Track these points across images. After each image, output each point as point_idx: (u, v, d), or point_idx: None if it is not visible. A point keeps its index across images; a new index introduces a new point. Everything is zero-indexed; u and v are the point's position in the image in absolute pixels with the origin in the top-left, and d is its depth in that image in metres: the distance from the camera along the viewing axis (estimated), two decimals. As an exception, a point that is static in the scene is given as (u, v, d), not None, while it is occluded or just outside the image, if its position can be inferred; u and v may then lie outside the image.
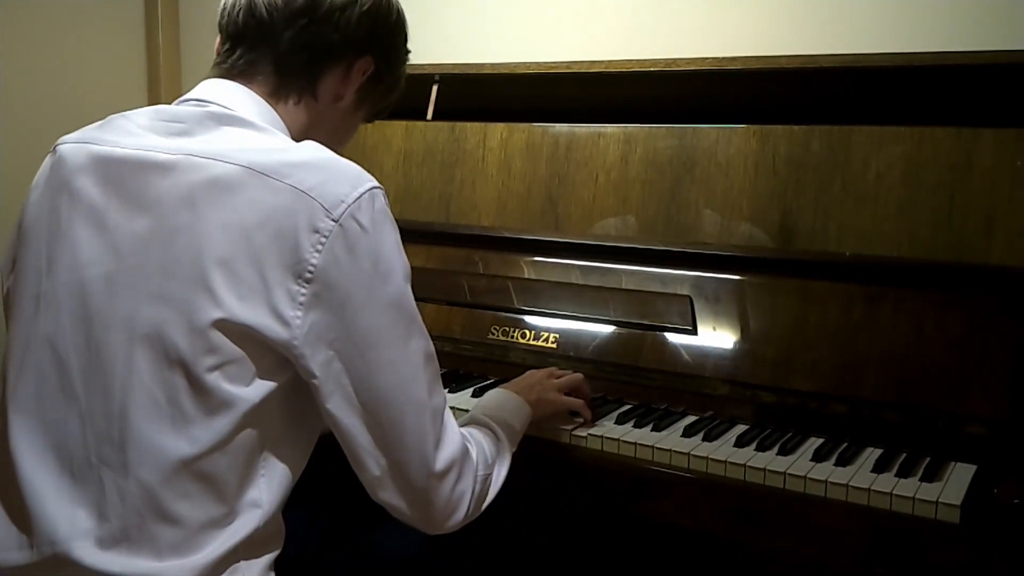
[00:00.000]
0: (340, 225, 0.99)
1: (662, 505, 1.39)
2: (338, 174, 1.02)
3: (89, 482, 1.02)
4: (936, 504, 1.19)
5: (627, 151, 1.67)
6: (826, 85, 1.57)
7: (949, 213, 1.41)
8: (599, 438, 1.43)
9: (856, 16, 1.75)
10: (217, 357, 0.99)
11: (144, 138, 1.08)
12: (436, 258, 1.83)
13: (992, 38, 1.61)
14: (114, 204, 1.05)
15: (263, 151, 1.04)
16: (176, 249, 1.01)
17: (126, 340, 1.01)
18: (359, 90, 1.19)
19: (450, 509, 1.10)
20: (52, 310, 1.06)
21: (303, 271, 0.99)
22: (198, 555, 1.01)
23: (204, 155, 1.03)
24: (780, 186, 1.54)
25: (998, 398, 1.33)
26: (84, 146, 1.10)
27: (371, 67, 1.19)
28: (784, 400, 1.47)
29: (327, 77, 1.17)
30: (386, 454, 1.05)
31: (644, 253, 1.65)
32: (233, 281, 0.98)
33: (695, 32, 1.90)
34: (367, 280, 1.01)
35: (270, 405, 1.03)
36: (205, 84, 1.16)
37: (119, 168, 1.06)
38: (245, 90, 1.14)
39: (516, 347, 1.69)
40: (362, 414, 1.03)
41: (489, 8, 2.14)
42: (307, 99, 1.16)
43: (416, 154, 1.88)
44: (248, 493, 1.04)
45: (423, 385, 1.06)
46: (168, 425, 1.00)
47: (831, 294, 1.48)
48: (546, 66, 1.78)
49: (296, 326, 0.99)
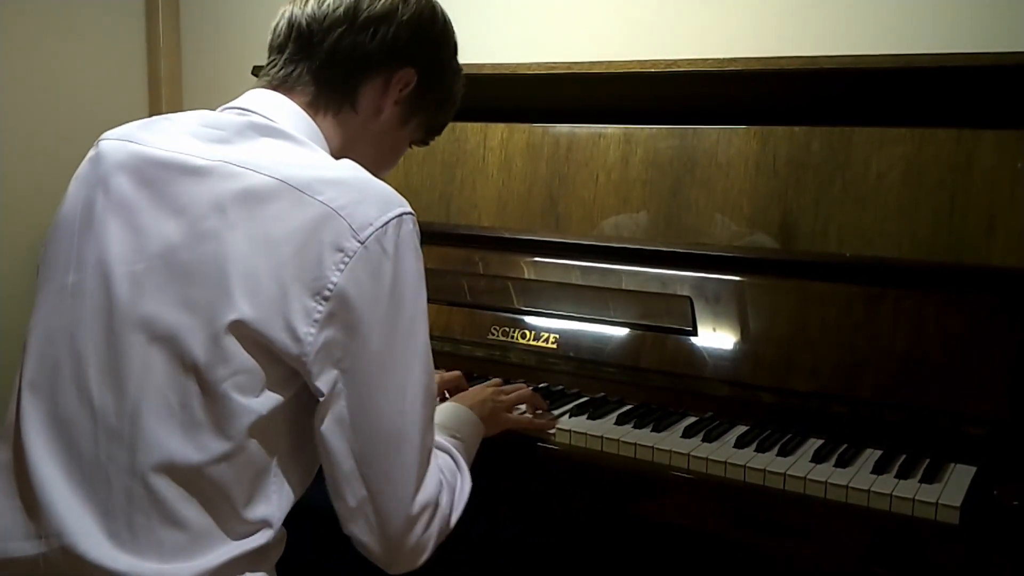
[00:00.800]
0: (365, 247, 0.99)
1: (662, 505, 1.39)
2: (370, 196, 1.02)
3: (97, 479, 1.02)
4: (936, 505, 1.19)
5: (628, 151, 1.67)
6: (827, 86, 1.57)
7: (949, 214, 1.41)
8: (599, 438, 1.43)
9: (857, 17, 1.75)
10: (230, 367, 0.99)
11: (184, 142, 1.09)
12: (436, 258, 1.83)
13: (992, 39, 1.62)
14: (146, 204, 1.06)
15: (299, 166, 1.04)
16: (202, 255, 1.01)
17: (145, 341, 1.02)
18: (401, 104, 1.19)
19: (417, 552, 1.08)
20: (76, 304, 1.07)
21: (322, 288, 0.99)
22: (203, 559, 1.01)
23: (240, 164, 1.04)
24: (781, 187, 1.54)
25: (998, 399, 1.33)
26: (125, 144, 1.11)
27: (413, 79, 1.18)
28: (784, 401, 1.47)
29: (366, 89, 1.17)
30: (367, 484, 1.04)
31: (644, 254, 1.65)
32: (252, 290, 0.99)
33: (696, 33, 1.90)
34: (384, 305, 1.01)
35: (277, 418, 1.03)
36: (249, 94, 1.17)
37: (156, 169, 1.07)
38: (287, 101, 1.14)
39: (516, 347, 1.69)
40: (351, 439, 1.03)
41: (489, 8, 2.14)
42: (347, 111, 1.16)
43: (416, 154, 1.88)
44: (258, 508, 1.04)
45: (418, 421, 1.05)
46: (178, 429, 1.00)
47: (831, 295, 1.48)
48: (547, 66, 1.78)
49: (308, 343, 0.99)
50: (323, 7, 1.15)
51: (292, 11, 1.17)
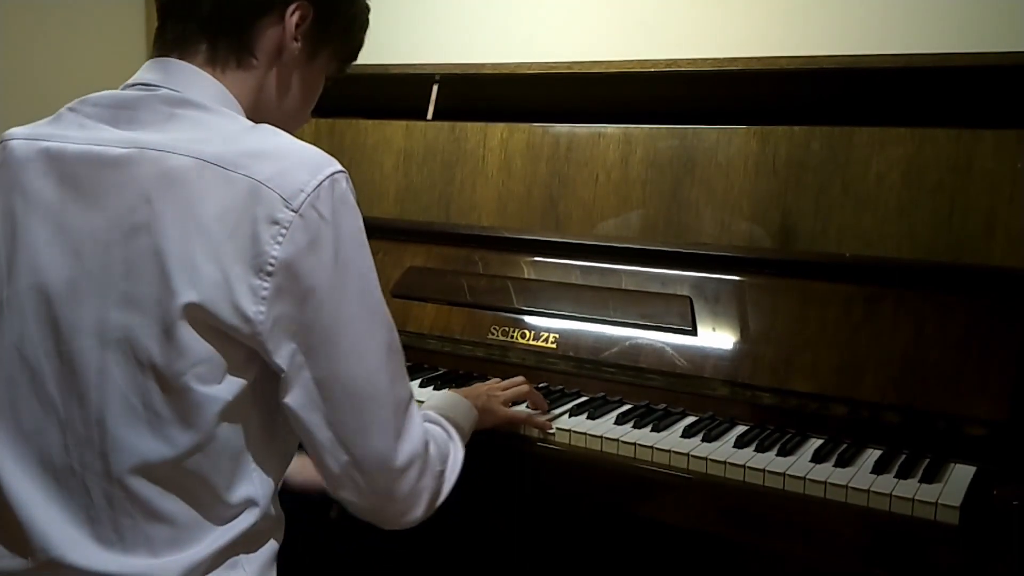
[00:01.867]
0: (300, 215, 0.96)
1: (661, 505, 1.39)
2: (296, 162, 0.99)
3: (74, 488, 1.01)
4: (935, 505, 1.19)
5: (627, 151, 1.67)
6: (826, 86, 1.57)
7: (949, 214, 1.41)
8: (598, 438, 1.43)
9: (856, 17, 1.75)
10: (188, 359, 0.97)
11: (95, 131, 1.05)
12: (436, 258, 1.83)
13: (992, 40, 1.62)
14: (70, 203, 1.02)
15: (217, 140, 1.00)
16: (137, 249, 0.98)
17: (97, 346, 1.00)
18: (303, 39, 1.12)
19: (408, 504, 1.08)
20: (17, 317, 1.04)
21: (264, 264, 0.96)
22: (195, 549, 1.00)
23: (156, 147, 1.00)
24: (780, 187, 1.54)
25: (998, 399, 1.33)
26: (34, 143, 1.07)
27: (309, 11, 1.11)
28: (784, 401, 1.47)
29: (261, 32, 1.10)
30: (346, 450, 1.03)
31: (644, 253, 1.65)
32: (194, 279, 0.96)
33: (696, 33, 1.90)
34: (329, 271, 0.99)
35: (244, 401, 1.02)
36: (148, 65, 1.10)
37: (72, 166, 1.03)
38: (187, 66, 1.08)
39: (516, 347, 1.69)
40: (322, 409, 1.02)
41: (489, 8, 2.14)
42: (246, 60, 1.10)
43: (416, 154, 1.88)
44: (240, 489, 1.03)
45: (385, 377, 1.04)
46: (146, 429, 0.99)
47: (831, 295, 1.48)
48: (546, 66, 1.78)
49: (259, 321, 0.97)
50: None
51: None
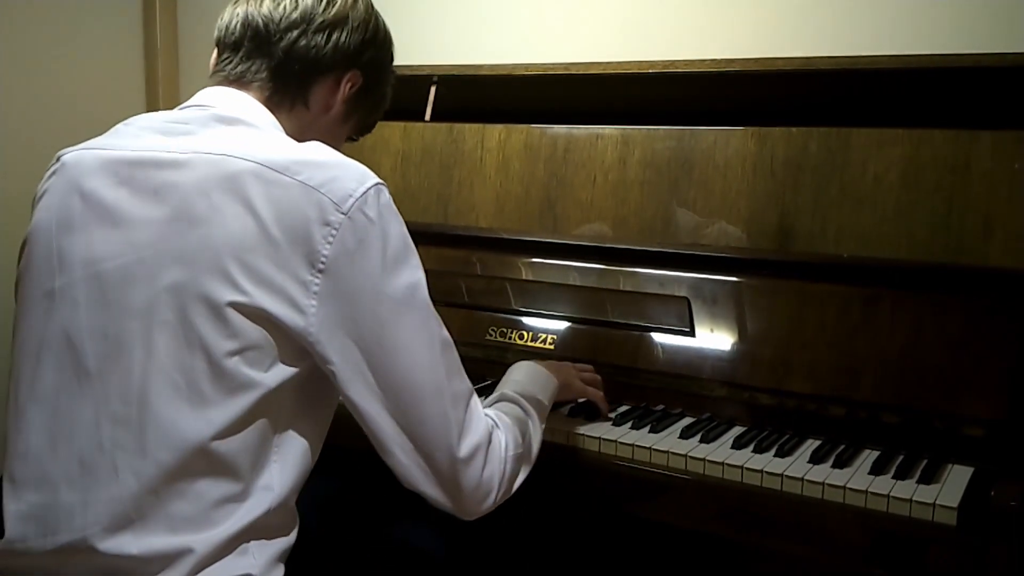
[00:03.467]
0: (349, 218, 1.04)
1: (659, 506, 1.39)
2: (345, 171, 1.07)
3: (100, 468, 1.05)
4: (933, 506, 1.19)
5: (625, 153, 1.67)
6: (824, 87, 1.57)
7: (947, 215, 1.41)
8: (596, 439, 1.43)
9: (854, 18, 1.75)
10: (238, 342, 1.03)
11: (150, 139, 1.12)
12: (434, 259, 1.82)
13: (990, 40, 1.62)
14: (127, 199, 1.08)
15: (272, 148, 1.08)
16: (193, 240, 1.04)
17: (145, 327, 1.04)
18: (347, 102, 1.25)
19: (480, 494, 1.12)
20: (68, 304, 1.09)
21: (316, 261, 1.03)
22: (212, 531, 1.04)
23: (215, 151, 1.07)
24: (778, 188, 1.54)
25: (996, 400, 1.33)
26: (91, 151, 1.14)
27: (359, 81, 1.25)
28: (782, 402, 1.47)
29: (318, 87, 1.22)
30: (411, 440, 1.08)
31: (642, 255, 1.65)
32: (250, 273, 1.02)
33: (693, 34, 1.90)
34: (378, 269, 1.05)
35: (285, 391, 1.06)
36: (204, 92, 1.21)
37: (130, 168, 1.10)
38: (244, 95, 1.19)
39: (514, 348, 1.69)
40: (383, 400, 1.07)
41: (487, 9, 2.14)
42: (299, 108, 1.22)
43: (414, 155, 1.88)
44: (261, 476, 1.07)
45: (441, 371, 1.09)
46: (187, 407, 1.03)
47: (829, 296, 1.48)
48: (544, 67, 1.78)
49: (311, 314, 1.03)
50: (280, 8, 1.19)
51: (247, 10, 1.21)
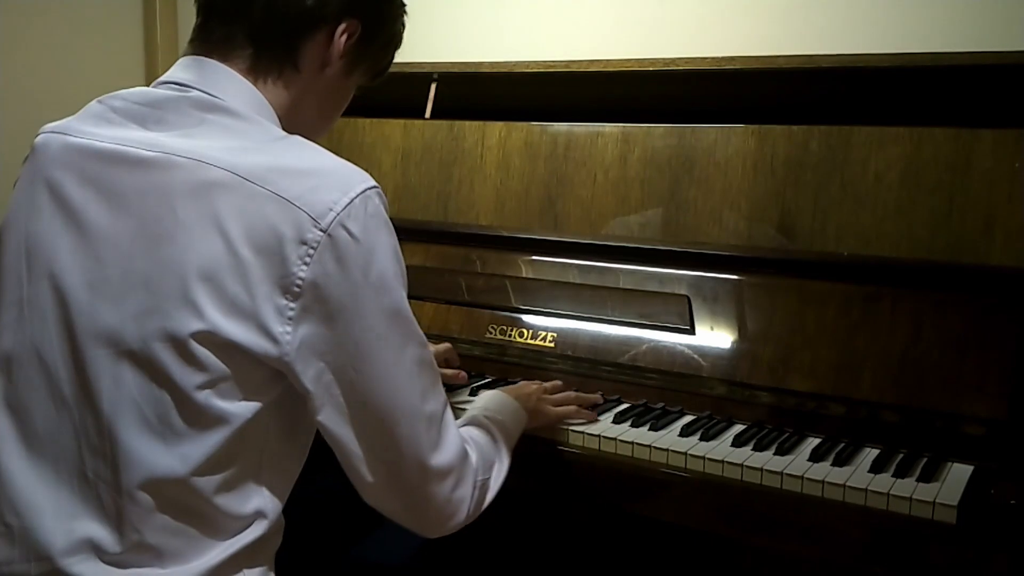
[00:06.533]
0: (329, 235, 0.94)
1: (659, 504, 1.38)
2: (327, 179, 0.97)
3: (88, 496, 1.00)
4: (933, 504, 1.19)
5: (626, 150, 1.67)
6: (825, 85, 1.57)
7: (948, 214, 1.41)
8: (596, 437, 1.42)
9: (855, 16, 1.75)
10: (207, 375, 0.96)
11: (122, 128, 1.03)
12: (434, 257, 1.82)
13: (991, 39, 1.62)
14: (92, 203, 1.01)
15: (247, 151, 0.99)
16: (159, 260, 0.96)
17: (112, 355, 0.97)
18: (347, 55, 1.11)
19: (448, 513, 1.08)
20: (36, 318, 1.02)
21: (291, 285, 0.94)
22: (201, 560, 0.99)
23: (186, 154, 0.98)
24: (778, 186, 1.53)
25: (996, 398, 1.33)
26: (59, 137, 1.06)
27: (357, 29, 1.10)
28: (782, 400, 1.47)
29: (308, 45, 1.08)
30: (381, 460, 1.03)
31: (642, 252, 1.65)
32: (218, 296, 0.94)
33: (694, 31, 1.90)
34: (359, 292, 0.97)
35: (264, 419, 1.00)
36: (183, 63, 1.08)
37: (96, 164, 1.02)
38: (226, 70, 1.06)
39: (514, 346, 1.69)
40: (354, 424, 1.01)
41: (488, 7, 2.14)
42: (289, 72, 1.08)
43: (414, 153, 1.88)
44: (251, 503, 1.02)
45: (416, 393, 1.03)
46: (159, 443, 0.97)
47: (829, 294, 1.48)
48: (545, 65, 1.77)
49: (286, 342, 0.95)
50: None
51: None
